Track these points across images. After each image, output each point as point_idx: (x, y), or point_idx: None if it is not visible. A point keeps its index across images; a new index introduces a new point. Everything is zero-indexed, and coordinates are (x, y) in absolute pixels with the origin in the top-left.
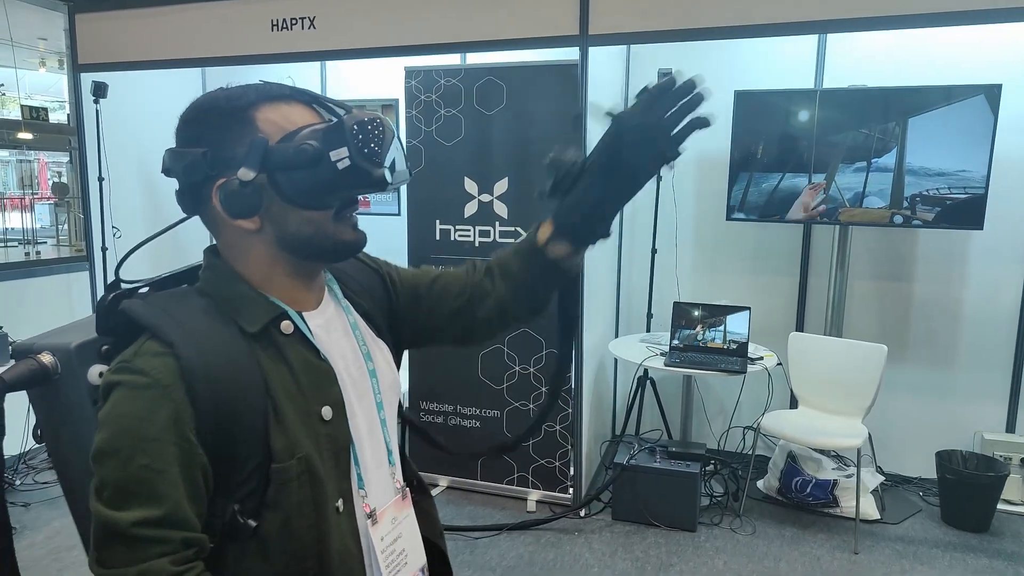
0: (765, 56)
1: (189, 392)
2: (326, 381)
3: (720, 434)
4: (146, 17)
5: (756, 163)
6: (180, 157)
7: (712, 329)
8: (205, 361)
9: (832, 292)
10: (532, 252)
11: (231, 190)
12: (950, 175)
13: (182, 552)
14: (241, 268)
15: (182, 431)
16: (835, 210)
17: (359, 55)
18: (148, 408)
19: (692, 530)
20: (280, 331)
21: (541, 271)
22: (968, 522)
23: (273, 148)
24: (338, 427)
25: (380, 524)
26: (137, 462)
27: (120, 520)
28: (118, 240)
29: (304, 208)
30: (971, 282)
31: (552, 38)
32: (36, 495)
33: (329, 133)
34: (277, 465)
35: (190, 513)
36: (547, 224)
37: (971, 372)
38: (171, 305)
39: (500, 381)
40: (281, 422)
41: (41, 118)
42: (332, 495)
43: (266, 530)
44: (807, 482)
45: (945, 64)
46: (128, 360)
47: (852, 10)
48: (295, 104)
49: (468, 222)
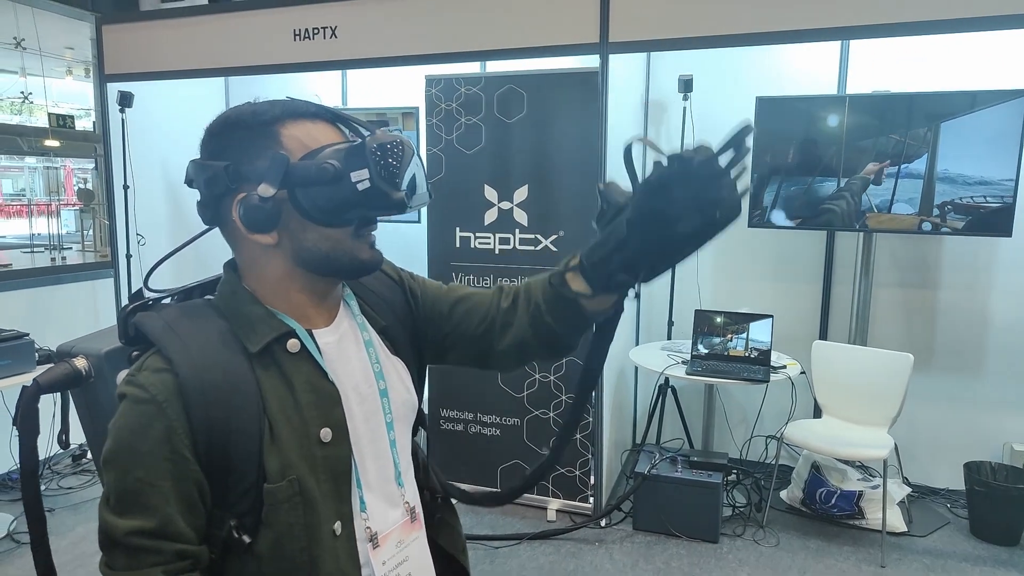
0: (787, 63)
1: (185, 408)
2: (328, 402)
3: (742, 444)
4: (171, 28)
5: (782, 168)
6: (203, 169)
7: (736, 336)
8: (202, 379)
9: (856, 300)
10: (557, 283)
11: (251, 204)
12: (982, 183)
13: (176, 563)
14: (255, 283)
15: (175, 447)
16: (863, 213)
17: (380, 64)
18: (143, 423)
19: (714, 541)
20: (286, 349)
21: (563, 307)
22: (998, 535)
23: (295, 165)
24: (338, 449)
25: (382, 548)
26: (133, 474)
27: (118, 527)
28: (142, 247)
29: (322, 225)
30: (998, 289)
31: (572, 46)
32: (60, 500)
33: (351, 153)
34: (269, 485)
35: (183, 526)
36: (577, 255)
37: (999, 381)
38: (179, 320)
39: (520, 389)
40: (276, 443)
41: (67, 126)
42: (327, 518)
43: (260, 547)
44: (832, 493)
45: (969, 69)
46: (134, 374)
47: (875, 16)
48: (319, 122)
49: (488, 229)
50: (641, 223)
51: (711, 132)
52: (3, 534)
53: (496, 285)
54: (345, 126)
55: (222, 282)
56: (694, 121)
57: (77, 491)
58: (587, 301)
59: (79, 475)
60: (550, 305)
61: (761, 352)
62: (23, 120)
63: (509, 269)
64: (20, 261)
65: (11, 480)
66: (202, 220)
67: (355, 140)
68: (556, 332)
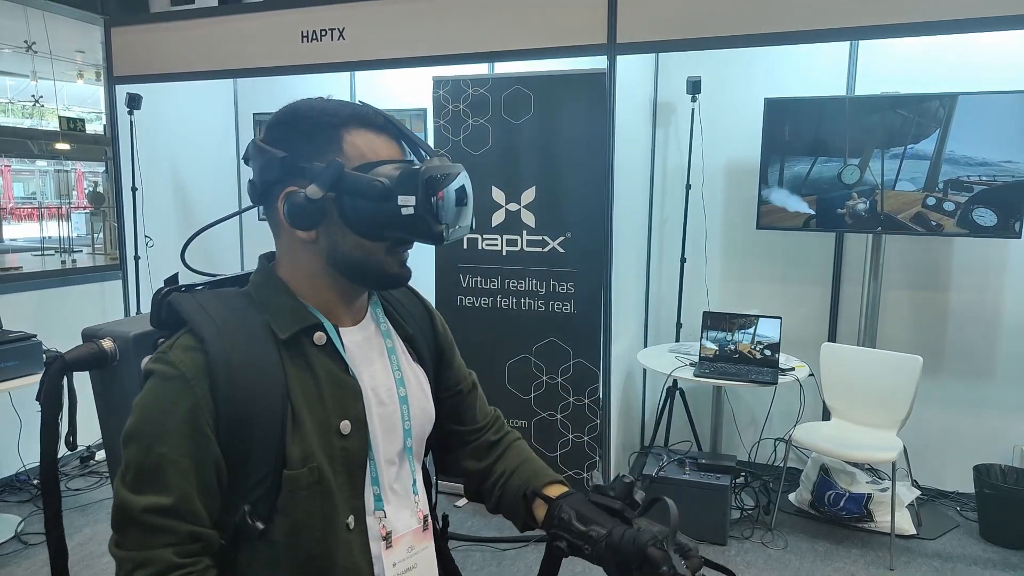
0: (795, 63)
1: (212, 388)
2: (350, 395)
3: (751, 446)
4: (179, 30)
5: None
6: (261, 153)
7: (741, 331)
8: (230, 360)
9: (865, 302)
10: (529, 494)
11: (296, 201)
12: (990, 164)
13: (187, 545)
14: (288, 274)
15: (199, 425)
16: (871, 190)
17: (388, 65)
18: (171, 399)
19: (722, 544)
20: (312, 341)
21: (515, 507)
22: (1008, 538)
23: (348, 174)
24: (355, 443)
25: (395, 549)
26: (156, 450)
27: (135, 504)
28: (150, 249)
29: (360, 235)
30: (1008, 291)
31: (580, 47)
32: (68, 501)
33: (404, 177)
34: (289, 472)
35: (199, 506)
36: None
37: (1009, 384)
38: (213, 303)
39: (528, 391)
40: (298, 429)
41: (78, 129)
42: (343, 510)
43: (275, 535)
44: (840, 496)
45: (978, 69)
46: (165, 351)
47: (883, 16)
48: (384, 136)
49: (496, 231)
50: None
51: (719, 133)
52: (11, 535)
53: (496, 411)
54: (409, 146)
55: (256, 271)
56: (702, 123)
57: (85, 492)
58: (533, 523)
59: (87, 477)
60: (510, 495)
61: (769, 346)
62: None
63: (516, 271)
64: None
65: (18, 481)
66: (250, 198)
67: (413, 161)
68: (497, 507)
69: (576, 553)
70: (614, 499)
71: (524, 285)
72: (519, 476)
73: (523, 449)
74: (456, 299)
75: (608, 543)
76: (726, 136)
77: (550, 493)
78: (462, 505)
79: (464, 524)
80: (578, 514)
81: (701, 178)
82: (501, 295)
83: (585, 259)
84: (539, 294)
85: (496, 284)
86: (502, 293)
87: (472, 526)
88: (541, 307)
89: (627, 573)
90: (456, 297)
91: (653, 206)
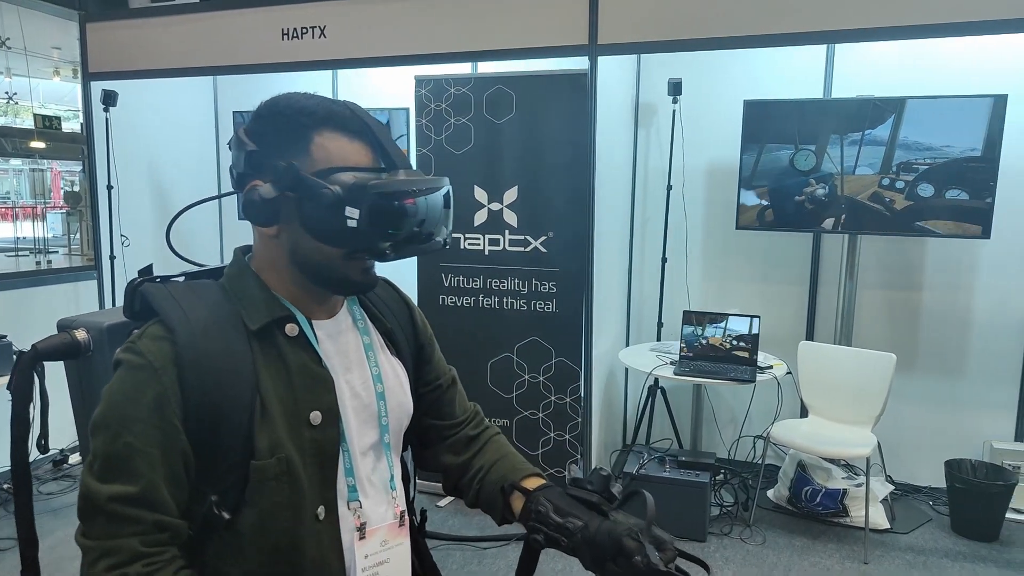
0: (775, 66)
1: (180, 378)
2: (321, 387)
3: (730, 443)
4: (157, 26)
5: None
6: (239, 144)
7: (712, 325)
8: (199, 350)
9: (841, 301)
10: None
11: (252, 197)
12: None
13: (154, 534)
14: (260, 266)
15: (166, 415)
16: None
17: (369, 64)
18: (138, 388)
19: (702, 540)
20: (284, 333)
21: (492, 501)
22: (978, 531)
23: (303, 177)
24: (326, 434)
25: (368, 541)
26: (123, 439)
27: (100, 493)
28: (126, 248)
29: (317, 240)
30: (979, 291)
31: (561, 47)
32: (40, 506)
33: (354, 188)
34: (256, 462)
35: (166, 496)
36: (535, 481)
37: (980, 381)
38: (185, 294)
39: (509, 390)
40: (267, 420)
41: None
42: (312, 501)
43: (241, 526)
44: (817, 491)
45: (953, 73)
46: (134, 341)
47: (860, 20)
48: (357, 141)
49: (478, 231)
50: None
51: (700, 135)
52: None
53: (475, 406)
54: (382, 155)
55: (231, 263)
56: (683, 124)
57: (57, 496)
58: (511, 517)
59: (59, 480)
60: (488, 489)
61: (743, 338)
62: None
63: (499, 270)
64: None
65: None
66: (231, 184)
67: (381, 171)
68: (475, 501)
69: (553, 545)
70: (591, 492)
71: (506, 284)
72: (497, 470)
73: (502, 444)
74: (439, 298)
75: (584, 535)
76: (706, 137)
77: (528, 486)
78: (444, 505)
79: (445, 523)
80: (555, 507)
81: (682, 179)
82: (484, 294)
83: (567, 259)
84: (521, 293)
85: (479, 283)
86: (484, 292)
87: (453, 525)
88: (523, 306)
89: (602, 565)
90: (439, 296)
91: (635, 206)
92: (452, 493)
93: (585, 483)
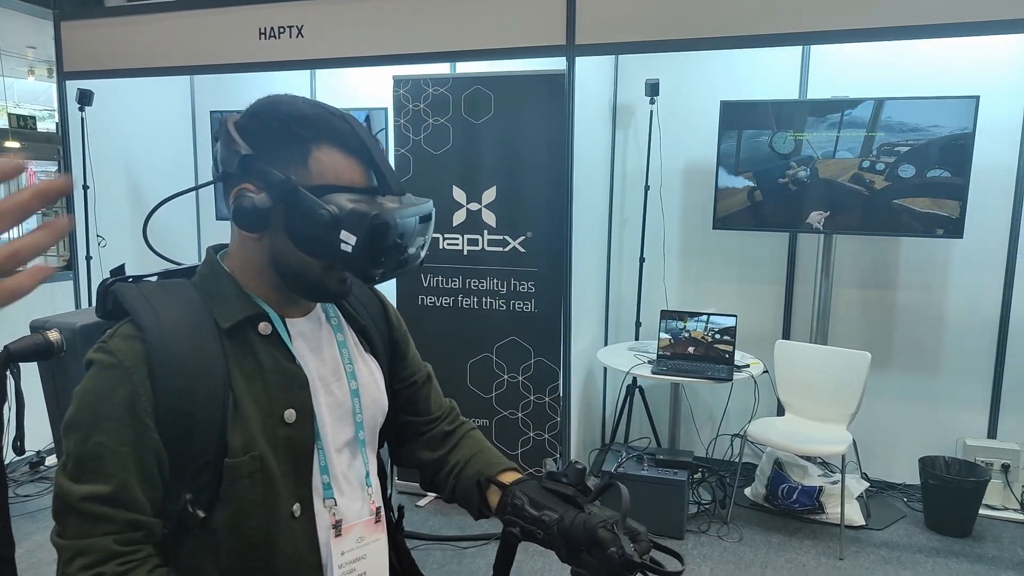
0: (751, 66)
1: (151, 377)
2: (295, 384)
3: (708, 442)
4: (132, 24)
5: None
6: (228, 140)
7: (694, 320)
8: (170, 349)
9: (817, 300)
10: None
11: (243, 204)
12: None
13: (128, 533)
14: (235, 264)
15: (138, 413)
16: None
17: (347, 64)
18: (109, 388)
19: (680, 538)
20: (257, 331)
21: (468, 495)
22: (951, 527)
23: (301, 193)
24: (301, 432)
25: (344, 538)
26: (94, 438)
27: (74, 493)
28: (103, 249)
29: (300, 251)
30: (953, 290)
31: (539, 48)
32: (16, 508)
33: (353, 214)
34: (230, 460)
35: (139, 495)
36: (511, 475)
37: (953, 379)
38: (157, 293)
39: (489, 390)
40: (240, 418)
41: (29, 127)
42: (287, 499)
43: (216, 524)
44: (793, 489)
45: (928, 74)
46: (105, 340)
47: (836, 22)
48: (353, 159)
49: (456, 231)
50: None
51: (677, 135)
52: None
53: (451, 402)
54: (377, 177)
55: (203, 262)
56: (661, 125)
57: (34, 499)
58: (487, 511)
59: (36, 483)
60: (464, 483)
61: (726, 331)
62: None
63: (477, 270)
64: None
65: None
66: (212, 173)
67: (374, 191)
68: (452, 496)
69: (529, 538)
70: (567, 485)
71: (485, 284)
72: (473, 465)
73: (478, 439)
74: (418, 299)
75: (560, 528)
76: (684, 138)
77: (504, 480)
78: (424, 505)
79: (425, 523)
80: (531, 500)
81: (659, 179)
82: (462, 294)
83: (546, 258)
84: (500, 293)
85: (457, 283)
86: (463, 292)
87: (433, 525)
88: (502, 306)
89: (577, 556)
90: (418, 297)
91: (613, 206)
92: (429, 489)
93: (560, 476)
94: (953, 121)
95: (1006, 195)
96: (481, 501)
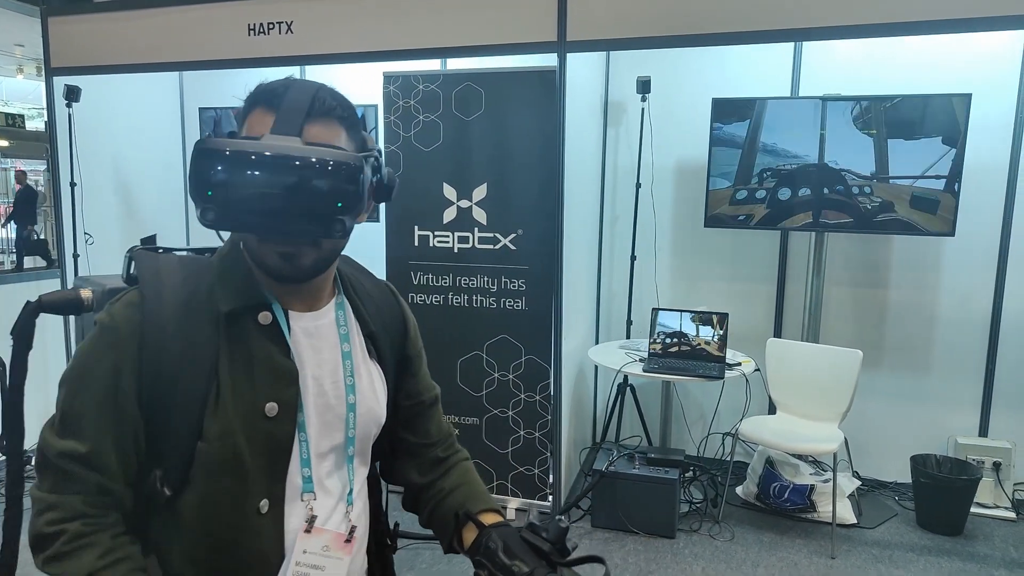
0: (743, 64)
1: (140, 348)
2: (283, 379)
3: (699, 440)
4: (121, 20)
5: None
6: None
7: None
8: (163, 325)
9: (809, 298)
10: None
11: None
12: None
13: (96, 496)
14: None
15: (121, 382)
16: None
17: (337, 60)
18: (101, 351)
19: (671, 537)
20: (257, 320)
21: (443, 526)
22: (942, 525)
23: None
24: (281, 427)
25: (313, 537)
26: (79, 398)
27: (53, 446)
28: (90, 247)
29: None
30: (944, 288)
31: (530, 44)
32: None
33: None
34: (203, 445)
35: (112, 460)
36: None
37: (945, 377)
38: (171, 267)
39: (479, 388)
40: (221, 405)
41: (17, 125)
42: (256, 493)
43: (183, 507)
44: (785, 487)
45: (920, 71)
46: (113, 303)
47: (827, 18)
48: (269, 113)
49: (447, 228)
50: None
51: (668, 133)
52: None
53: (451, 429)
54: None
55: (228, 239)
56: (652, 122)
57: (25, 496)
58: (459, 547)
59: (32, 478)
60: (443, 511)
61: (714, 328)
62: None
63: (468, 268)
64: None
65: None
66: None
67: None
68: (428, 521)
69: None
70: (545, 540)
71: (476, 282)
72: (456, 496)
73: (468, 471)
74: (407, 296)
75: None
76: (675, 135)
77: (484, 520)
78: None
79: (415, 522)
80: (505, 546)
81: (651, 177)
82: (453, 292)
83: (537, 256)
84: (491, 291)
85: (448, 281)
86: (454, 290)
87: None
88: (493, 304)
89: None
90: (407, 295)
91: (604, 204)
92: (410, 509)
93: (541, 530)
94: (945, 119)
95: (997, 193)
96: (455, 534)
